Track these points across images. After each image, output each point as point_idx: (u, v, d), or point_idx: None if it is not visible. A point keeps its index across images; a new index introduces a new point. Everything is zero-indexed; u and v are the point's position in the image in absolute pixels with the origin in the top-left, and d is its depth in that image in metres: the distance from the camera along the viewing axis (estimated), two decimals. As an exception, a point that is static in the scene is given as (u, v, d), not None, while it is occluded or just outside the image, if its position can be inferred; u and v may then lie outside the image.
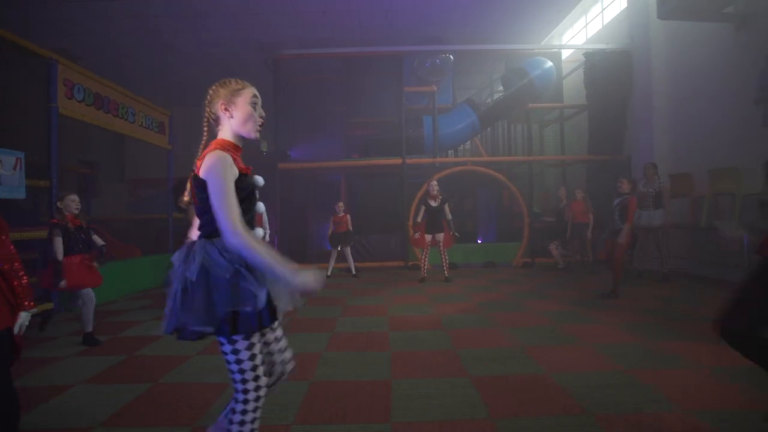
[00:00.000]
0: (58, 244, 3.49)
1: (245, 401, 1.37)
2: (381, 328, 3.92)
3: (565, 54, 9.46)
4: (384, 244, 8.05)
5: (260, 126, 1.49)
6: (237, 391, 1.38)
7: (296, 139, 9.77)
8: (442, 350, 3.24)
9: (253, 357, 1.36)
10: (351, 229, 7.00)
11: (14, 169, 4.46)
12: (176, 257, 1.40)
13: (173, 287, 1.33)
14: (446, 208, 6.25)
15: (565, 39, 10.37)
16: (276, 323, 1.52)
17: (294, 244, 8.62)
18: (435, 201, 6.24)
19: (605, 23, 8.84)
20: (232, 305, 1.28)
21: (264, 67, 8.19)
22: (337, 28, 8.38)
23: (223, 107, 1.43)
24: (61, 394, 2.53)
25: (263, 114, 1.50)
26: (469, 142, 9.30)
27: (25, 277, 1.78)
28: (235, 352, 1.34)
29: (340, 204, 7.06)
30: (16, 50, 4.67)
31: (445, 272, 6.46)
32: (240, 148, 1.47)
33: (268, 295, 1.37)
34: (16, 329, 1.71)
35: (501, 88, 9.34)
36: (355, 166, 8.50)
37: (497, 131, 10.46)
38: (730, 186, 5.52)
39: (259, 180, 1.54)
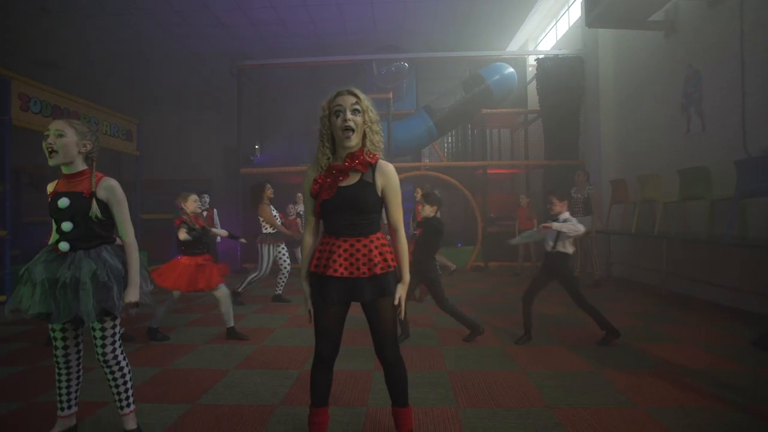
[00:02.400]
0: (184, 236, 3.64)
1: None
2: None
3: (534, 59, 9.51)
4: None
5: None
6: None
7: (265, 144, 10.17)
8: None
9: None
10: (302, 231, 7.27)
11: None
12: None
13: None
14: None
15: (534, 45, 10.40)
16: None
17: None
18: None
19: (569, 27, 8.87)
20: None
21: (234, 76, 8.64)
22: (297, 38, 8.71)
23: None
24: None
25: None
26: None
27: None
28: None
29: (291, 206, 7.26)
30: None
31: None
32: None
33: None
34: None
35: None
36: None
37: (467, 136, 10.56)
38: (654, 193, 5.54)
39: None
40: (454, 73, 10.24)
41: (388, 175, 1.83)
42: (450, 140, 10.77)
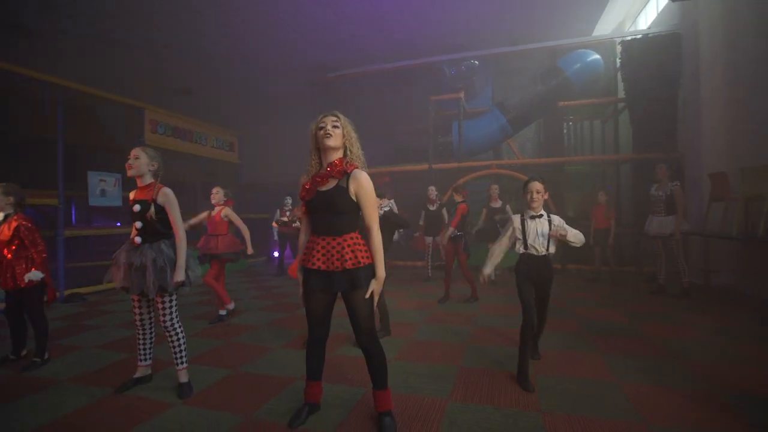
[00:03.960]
0: None
1: None
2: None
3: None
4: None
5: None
6: None
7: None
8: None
9: None
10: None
11: (114, 185, 6.53)
12: None
13: None
14: (444, 212, 6.59)
15: (632, 24, 9.29)
16: None
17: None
18: (433, 205, 6.64)
19: (660, 4, 7.77)
20: None
21: (317, 87, 9.54)
22: (373, 48, 9.17)
23: None
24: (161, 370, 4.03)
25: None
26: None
27: (40, 257, 3.18)
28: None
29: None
30: (114, 103, 6.76)
31: (429, 273, 6.93)
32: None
33: None
34: (32, 277, 3.10)
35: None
36: (388, 172, 9.21)
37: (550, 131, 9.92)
38: (763, 188, 4.67)
39: None
40: (533, 64, 9.69)
41: (360, 182, 2.11)
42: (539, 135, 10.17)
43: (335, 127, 2.15)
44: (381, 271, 2.15)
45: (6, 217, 3.21)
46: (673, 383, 2.70)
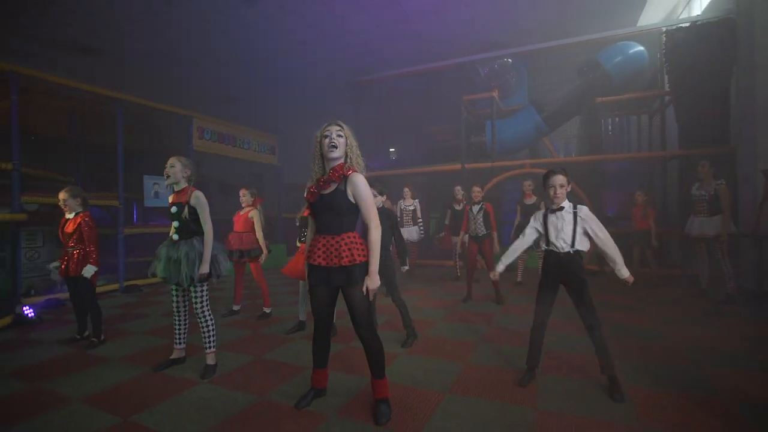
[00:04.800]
0: None
1: None
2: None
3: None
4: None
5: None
6: None
7: (380, 148, 11.15)
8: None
9: None
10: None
11: (166, 188, 7.18)
12: None
13: None
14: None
15: (684, 10, 8.70)
16: None
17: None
18: (459, 205, 6.66)
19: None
20: None
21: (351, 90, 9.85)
22: (405, 50, 9.29)
23: None
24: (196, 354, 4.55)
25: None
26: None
27: (94, 252, 3.67)
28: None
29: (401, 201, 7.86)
30: (167, 113, 7.43)
31: (458, 272, 6.92)
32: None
33: None
34: (85, 274, 3.60)
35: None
36: (421, 172, 9.31)
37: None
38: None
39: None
40: (570, 59, 9.34)
41: (356, 185, 2.28)
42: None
43: (339, 136, 2.32)
44: (374, 266, 2.31)
45: (76, 215, 3.73)
46: (685, 390, 2.62)
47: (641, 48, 7.65)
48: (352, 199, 2.30)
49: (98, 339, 3.74)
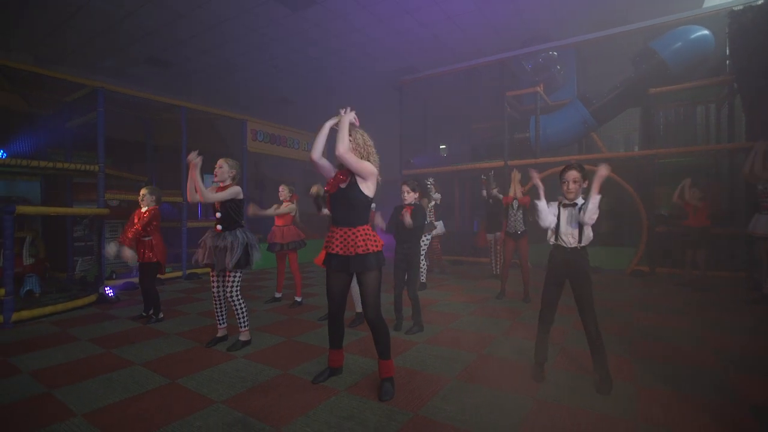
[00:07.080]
0: None
1: None
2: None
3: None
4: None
5: None
6: None
7: (425, 147, 11.23)
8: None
9: None
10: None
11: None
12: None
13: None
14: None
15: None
16: None
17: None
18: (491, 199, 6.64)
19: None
20: None
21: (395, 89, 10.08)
22: (449, 50, 9.30)
23: None
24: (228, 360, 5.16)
25: None
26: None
27: (153, 241, 4.27)
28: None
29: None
30: (225, 118, 8.16)
31: (497, 269, 6.86)
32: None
33: None
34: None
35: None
36: (465, 169, 9.30)
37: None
38: None
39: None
40: (622, 49, 8.79)
41: (348, 162, 2.50)
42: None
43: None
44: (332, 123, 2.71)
45: (147, 208, 4.36)
46: (695, 391, 2.55)
47: (706, 32, 7.06)
48: (364, 190, 2.54)
49: (157, 317, 4.34)
